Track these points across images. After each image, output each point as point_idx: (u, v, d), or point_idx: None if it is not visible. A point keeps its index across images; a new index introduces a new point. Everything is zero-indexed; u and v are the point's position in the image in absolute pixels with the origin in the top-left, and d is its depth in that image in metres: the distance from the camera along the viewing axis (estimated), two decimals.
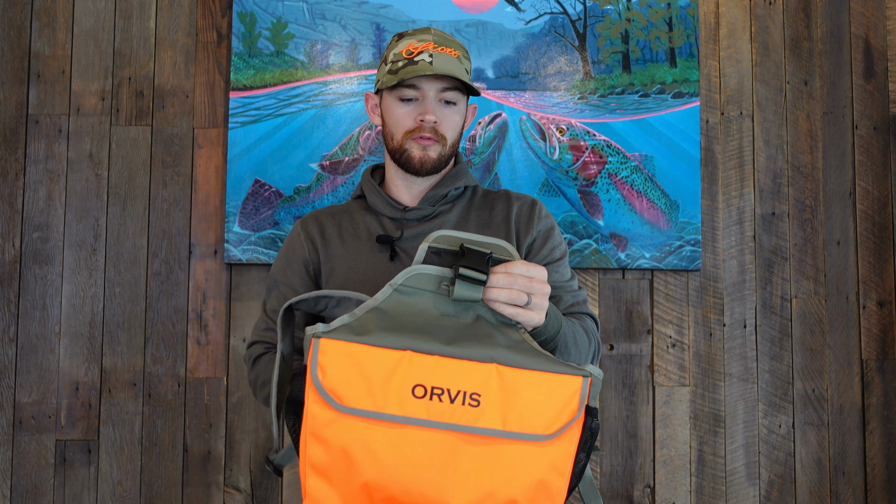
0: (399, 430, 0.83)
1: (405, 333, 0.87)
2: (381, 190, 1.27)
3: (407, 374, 0.84)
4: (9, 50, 1.85)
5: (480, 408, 0.84)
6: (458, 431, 0.83)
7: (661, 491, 1.84)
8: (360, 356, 0.84)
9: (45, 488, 1.78)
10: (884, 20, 1.96)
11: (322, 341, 0.85)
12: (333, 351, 0.85)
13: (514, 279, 0.90)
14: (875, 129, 1.94)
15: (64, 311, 1.81)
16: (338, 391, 0.83)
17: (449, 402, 0.83)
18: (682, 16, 1.90)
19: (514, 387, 0.85)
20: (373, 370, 0.84)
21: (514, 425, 0.84)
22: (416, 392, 0.83)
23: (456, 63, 1.18)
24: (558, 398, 0.86)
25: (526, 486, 0.84)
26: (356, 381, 0.84)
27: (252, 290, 1.82)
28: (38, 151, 1.84)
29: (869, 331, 1.90)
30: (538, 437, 0.84)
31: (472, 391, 0.84)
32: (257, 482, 1.80)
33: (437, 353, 0.85)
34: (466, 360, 0.85)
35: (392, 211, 1.24)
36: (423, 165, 1.19)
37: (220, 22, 1.87)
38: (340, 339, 0.85)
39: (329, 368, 0.84)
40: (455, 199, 1.26)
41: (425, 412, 0.83)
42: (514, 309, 0.91)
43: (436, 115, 1.18)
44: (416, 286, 0.91)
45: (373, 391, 0.83)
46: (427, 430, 0.83)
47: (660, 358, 1.86)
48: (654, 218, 1.85)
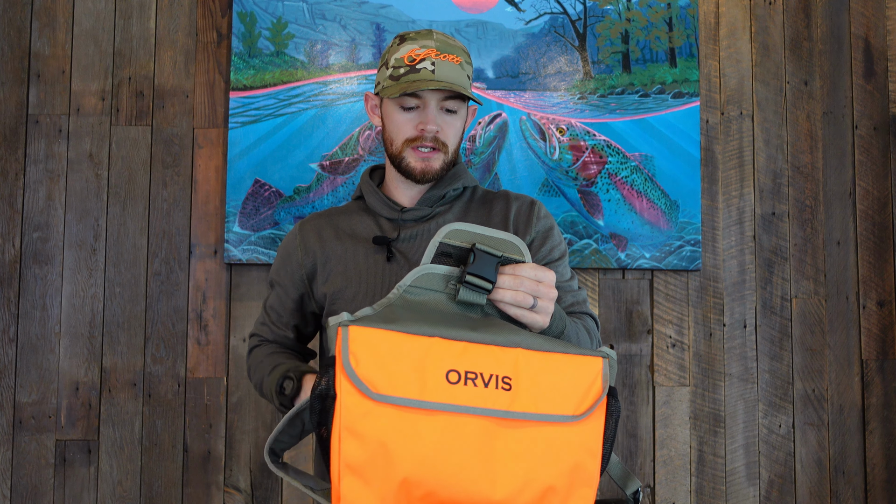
0: (437, 418, 0.80)
1: (429, 320, 0.86)
2: (380, 191, 1.26)
3: (439, 360, 0.82)
4: (9, 50, 1.85)
5: (513, 391, 0.83)
6: (494, 417, 0.81)
7: (661, 491, 1.84)
8: (392, 343, 0.82)
9: (45, 488, 1.78)
10: (884, 20, 1.96)
11: (352, 329, 0.82)
12: (365, 338, 0.81)
13: (521, 281, 0.90)
14: (875, 129, 1.94)
15: (64, 311, 1.81)
16: (373, 380, 0.80)
17: (483, 386, 0.82)
18: (682, 16, 1.90)
19: (541, 369, 0.85)
20: (406, 357, 0.81)
21: (545, 407, 0.83)
22: (451, 378, 0.81)
23: (458, 71, 1.17)
24: (583, 379, 0.86)
25: (562, 471, 0.83)
26: (392, 368, 0.81)
27: (252, 290, 1.82)
28: (38, 151, 1.84)
29: (869, 331, 1.90)
30: (569, 417, 0.84)
31: (503, 375, 0.83)
32: (257, 482, 1.80)
33: (465, 339, 0.84)
34: (493, 345, 0.84)
35: (389, 212, 1.24)
36: (426, 176, 1.19)
37: (220, 22, 1.87)
38: (371, 326, 0.83)
39: (362, 356, 0.80)
40: (453, 200, 1.26)
41: (462, 397, 0.81)
42: (519, 310, 0.92)
43: (437, 125, 1.17)
44: (425, 286, 0.90)
45: (409, 378, 0.80)
46: (465, 417, 0.80)
47: (660, 358, 1.86)
48: (654, 218, 1.85)
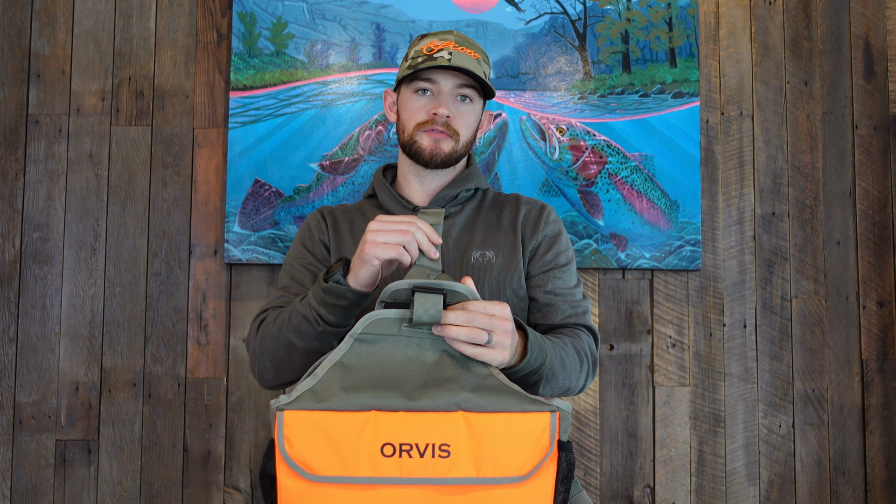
0: (373, 492, 0.82)
1: (369, 391, 0.86)
2: (393, 189, 1.27)
3: (374, 435, 0.84)
4: (9, 50, 1.85)
5: (451, 458, 0.83)
6: (431, 485, 0.82)
7: (661, 491, 1.84)
8: (325, 423, 0.84)
9: (45, 488, 1.78)
10: (884, 20, 1.96)
11: (286, 414, 0.85)
12: (298, 422, 0.84)
13: (472, 316, 0.88)
14: (875, 129, 1.94)
15: (64, 311, 1.81)
16: (307, 461, 0.83)
17: (419, 456, 0.83)
18: (682, 16, 1.90)
19: (482, 432, 0.84)
20: (340, 435, 0.84)
21: (487, 470, 0.83)
22: (385, 451, 0.83)
23: (475, 63, 1.19)
24: (528, 437, 0.85)
25: None
26: (324, 448, 0.83)
27: (252, 290, 1.82)
28: (38, 151, 1.84)
29: (869, 331, 1.90)
30: (513, 479, 0.83)
31: (440, 443, 0.83)
32: (257, 482, 1.80)
33: (402, 408, 0.85)
34: (431, 411, 0.85)
35: (402, 210, 1.24)
36: (434, 157, 1.19)
37: (220, 22, 1.87)
38: (303, 408, 0.85)
39: (295, 440, 0.84)
40: (465, 201, 1.27)
41: (397, 470, 0.82)
42: (475, 349, 0.89)
43: (449, 110, 1.18)
44: (376, 332, 0.89)
45: (342, 456, 0.83)
46: (401, 488, 0.82)
47: (660, 358, 1.86)
48: (654, 218, 1.85)
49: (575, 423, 1.85)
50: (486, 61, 1.24)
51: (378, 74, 1.85)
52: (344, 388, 0.86)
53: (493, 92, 1.25)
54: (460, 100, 1.21)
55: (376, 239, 0.92)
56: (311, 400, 0.86)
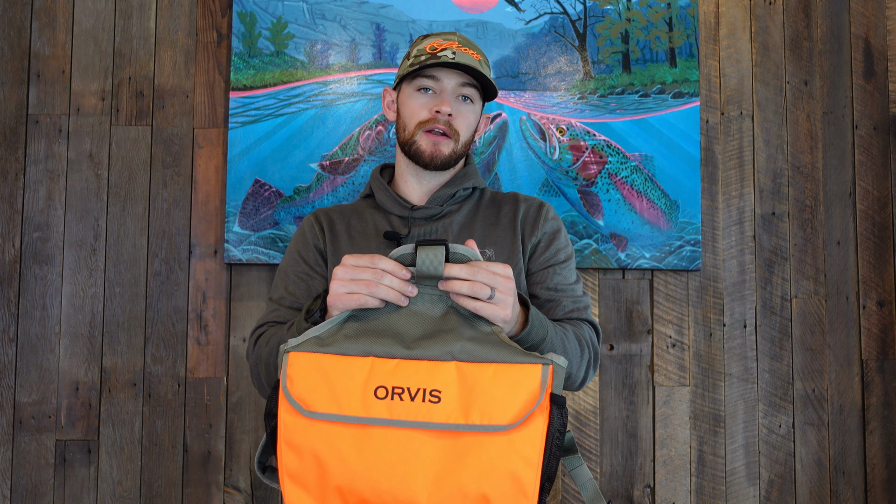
0: (365, 431, 0.85)
1: (371, 338, 0.91)
2: (390, 188, 1.27)
3: (369, 378, 0.87)
4: (9, 50, 1.85)
5: (441, 403, 0.85)
6: (419, 428, 0.85)
7: (661, 491, 1.84)
8: (325, 365, 0.89)
9: (45, 488, 1.78)
10: (884, 20, 1.96)
11: (290, 355, 0.90)
12: (300, 362, 0.89)
13: (475, 271, 0.90)
14: (875, 129, 1.94)
15: (64, 311, 1.81)
16: (305, 398, 0.87)
17: (409, 399, 0.86)
18: (682, 16, 1.90)
19: (473, 381, 0.87)
20: (337, 377, 0.88)
21: (475, 418, 0.85)
22: (378, 393, 0.86)
23: (477, 63, 1.20)
24: (518, 387, 0.87)
25: (496, 480, 0.84)
26: (321, 388, 0.88)
27: (252, 290, 1.82)
28: (38, 151, 1.84)
29: (869, 331, 1.90)
30: (501, 426, 0.85)
31: (432, 388, 0.86)
32: (257, 482, 1.80)
33: (398, 356, 0.88)
34: (426, 360, 0.88)
35: (400, 209, 1.24)
36: (434, 160, 1.20)
37: (220, 22, 1.87)
38: (307, 351, 0.90)
39: (297, 379, 0.88)
40: (463, 200, 1.27)
41: (388, 412, 0.85)
42: (476, 303, 0.90)
43: (451, 109, 1.19)
44: None
45: (337, 396, 0.87)
46: (391, 430, 0.85)
47: (660, 358, 1.86)
48: (654, 218, 1.85)
49: (575, 423, 1.85)
50: (487, 64, 1.25)
51: (378, 74, 1.85)
52: (347, 336, 0.91)
53: (496, 92, 1.25)
54: (462, 99, 1.21)
55: (339, 290, 0.94)
56: (316, 344, 0.91)
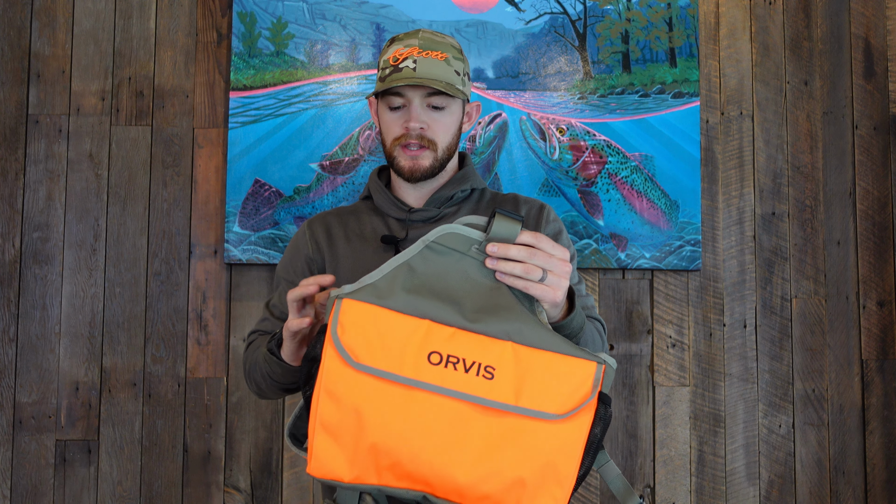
0: (412, 394, 0.82)
1: (429, 299, 0.86)
2: (388, 191, 1.26)
3: (424, 342, 0.84)
4: (9, 50, 1.85)
5: (494, 381, 0.83)
6: (470, 402, 0.82)
7: (661, 491, 1.84)
8: (380, 319, 0.84)
9: (45, 488, 1.78)
10: (884, 20, 1.96)
11: (345, 301, 0.85)
12: (355, 311, 0.84)
13: (532, 253, 0.88)
14: (875, 129, 1.94)
15: (64, 311, 1.81)
16: (355, 349, 0.83)
17: (464, 371, 0.83)
18: (682, 16, 1.90)
19: (528, 365, 0.85)
20: (391, 334, 0.84)
21: (526, 402, 0.83)
22: (432, 359, 0.83)
23: (442, 67, 1.16)
24: (571, 381, 0.85)
25: (535, 467, 0.83)
26: (374, 341, 0.83)
27: (252, 290, 1.82)
28: (38, 151, 1.84)
29: (869, 331, 1.90)
30: (550, 415, 0.83)
31: (486, 364, 0.83)
32: (257, 482, 1.80)
33: (456, 325, 0.85)
34: (483, 335, 0.85)
35: (398, 212, 1.24)
36: (414, 174, 1.19)
37: (220, 22, 1.87)
38: (363, 300, 0.85)
39: (349, 327, 0.84)
40: (461, 202, 1.26)
41: (440, 379, 0.82)
42: (525, 282, 0.88)
43: (421, 122, 1.17)
44: (447, 245, 0.90)
45: (389, 353, 0.83)
46: (439, 398, 0.82)
47: (660, 358, 1.86)
48: (654, 218, 1.85)
49: None
50: (458, 57, 1.20)
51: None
52: (405, 290, 0.87)
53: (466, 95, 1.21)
54: (432, 109, 1.18)
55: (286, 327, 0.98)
56: (372, 295, 0.86)
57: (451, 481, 0.81)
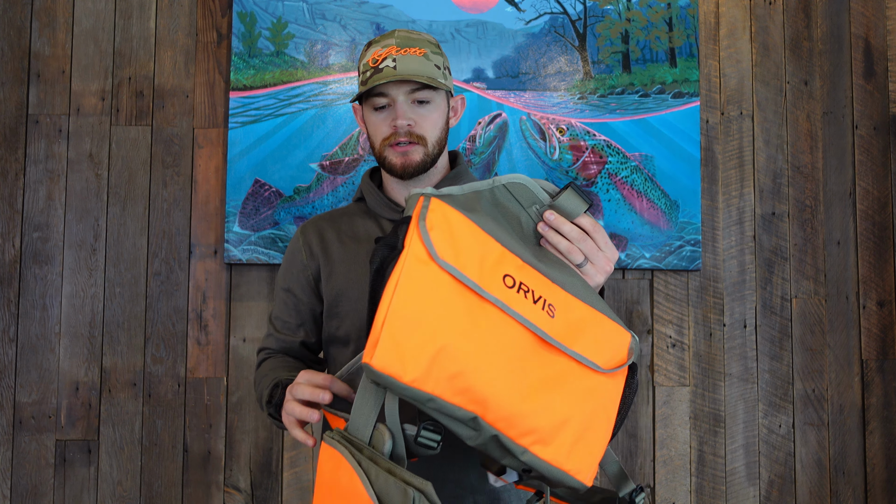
0: (485, 308, 0.80)
1: (506, 229, 0.87)
2: (381, 192, 1.26)
3: (501, 263, 0.83)
4: (9, 50, 1.85)
5: (556, 319, 0.84)
6: (534, 333, 0.82)
7: (661, 491, 1.84)
8: (465, 228, 0.83)
9: (45, 488, 1.78)
10: (884, 20, 1.96)
11: (433, 200, 0.83)
12: (444, 212, 0.82)
13: (583, 238, 0.90)
14: (875, 129, 1.94)
15: (64, 311, 1.81)
16: (441, 247, 0.80)
17: (532, 301, 0.83)
18: (682, 16, 1.90)
19: (579, 316, 0.86)
20: (473, 246, 0.82)
21: (580, 348, 0.84)
22: (507, 281, 0.82)
23: (421, 62, 1.17)
24: (613, 343, 0.87)
25: (583, 412, 0.83)
26: (459, 247, 0.82)
27: (252, 290, 1.82)
28: (38, 151, 1.84)
29: (869, 331, 1.90)
30: (598, 367, 0.84)
31: (550, 301, 0.84)
32: (257, 482, 1.80)
33: (526, 260, 0.85)
34: (546, 277, 0.86)
35: (391, 213, 1.23)
36: (406, 169, 1.19)
37: (220, 22, 1.87)
38: (453, 206, 0.83)
39: (436, 224, 0.81)
40: None
41: (514, 302, 0.81)
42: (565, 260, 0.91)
43: (408, 119, 1.17)
44: (514, 193, 0.91)
45: (472, 262, 0.81)
46: (509, 320, 0.81)
47: (660, 358, 1.86)
48: (654, 218, 1.85)
49: None
50: (436, 52, 1.21)
51: None
52: (485, 211, 0.87)
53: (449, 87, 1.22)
54: (418, 104, 1.19)
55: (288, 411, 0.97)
56: (458, 205, 0.85)
57: (508, 406, 0.78)
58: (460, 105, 1.28)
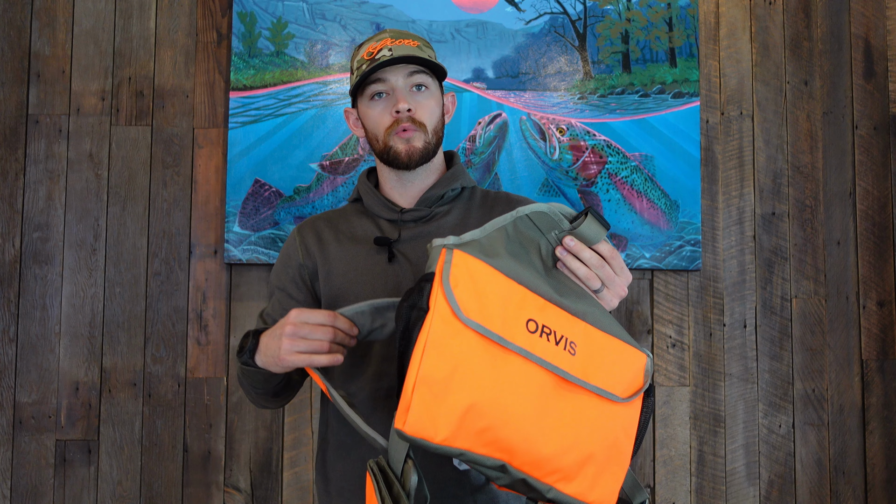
0: (509, 358, 0.82)
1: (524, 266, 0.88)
2: (378, 192, 1.26)
3: (523, 307, 0.84)
4: (9, 50, 1.85)
5: (576, 357, 0.85)
6: (557, 375, 0.83)
7: (661, 491, 1.84)
8: (488, 277, 0.84)
9: (45, 488, 1.78)
10: (884, 20, 1.96)
11: (456, 253, 0.83)
12: (467, 264, 0.83)
13: (602, 265, 0.92)
14: (875, 129, 1.94)
15: (64, 311, 1.81)
16: (466, 304, 0.81)
17: (555, 343, 0.84)
18: (682, 16, 1.90)
19: (599, 347, 0.87)
20: (496, 294, 0.83)
21: (599, 381, 0.85)
22: (530, 326, 0.83)
23: (417, 50, 1.18)
24: (631, 369, 0.89)
25: (604, 444, 0.85)
26: (484, 299, 0.82)
27: (252, 290, 1.82)
28: (38, 151, 1.84)
29: (869, 331, 1.90)
30: (617, 397, 0.86)
31: (571, 339, 0.85)
32: (257, 482, 1.80)
33: (547, 297, 0.86)
34: (566, 311, 0.87)
35: (389, 213, 1.23)
36: (411, 157, 1.19)
37: (220, 22, 1.87)
38: (473, 255, 0.84)
39: (461, 279, 0.82)
40: (452, 200, 1.25)
41: (535, 347, 0.83)
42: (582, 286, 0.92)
43: (409, 103, 1.17)
44: (536, 221, 0.92)
45: (493, 313, 0.82)
46: (532, 365, 0.82)
47: (660, 358, 1.86)
48: (654, 218, 1.85)
49: None
50: (427, 46, 1.23)
51: None
52: (508, 252, 0.88)
53: (445, 72, 1.24)
54: (416, 90, 1.20)
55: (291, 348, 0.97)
56: (479, 251, 0.86)
57: (535, 452, 0.81)
58: (451, 103, 1.29)
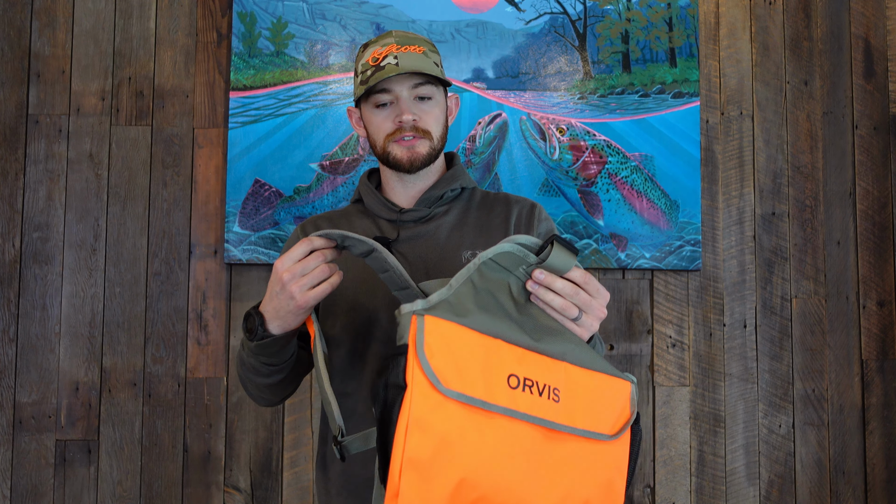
0: (493, 420, 0.79)
1: (495, 316, 0.84)
2: (378, 193, 1.26)
3: (502, 363, 0.81)
4: (9, 50, 1.85)
5: (561, 404, 0.82)
6: (544, 427, 0.81)
7: (661, 491, 1.84)
8: (463, 339, 0.80)
9: (45, 488, 1.78)
10: (884, 20, 1.96)
11: (427, 319, 0.79)
12: (439, 330, 0.79)
13: (576, 292, 0.88)
14: (875, 129, 1.94)
15: (64, 311, 1.81)
16: (444, 374, 0.77)
17: (538, 394, 0.81)
18: (682, 16, 1.90)
19: (583, 386, 0.85)
20: (474, 355, 0.80)
21: (586, 424, 0.83)
22: (511, 382, 0.80)
23: (422, 58, 1.18)
24: (617, 401, 0.87)
25: (598, 486, 0.84)
26: (461, 364, 0.79)
27: (252, 290, 1.82)
28: (38, 151, 1.84)
29: (869, 331, 1.90)
30: (605, 436, 0.84)
31: (554, 386, 0.83)
32: (257, 482, 1.80)
33: (524, 345, 0.83)
34: (546, 355, 0.84)
35: (388, 213, 1.23)
36: (414, 163, 1.19)
37: (220, 22, 1.87)
38: (444, 318, 0.80)
39: (436, 348, 0.78)
40: (452, 201, 1.26)
41: (519, 403, 0.80)
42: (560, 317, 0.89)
43: (413, 114, 1.17)
44: (501, 263, 0.89)
45: (476, 377, 0.79)
46: (520, 424, 0.80)
47: (660, 358, 1.86)
48: (654, 218, 1.85)
49: None
50: (433, 51, 1.22)
51: None
52: (477, 307, 0.84)
53: (450, 82, 1.24)
54: (420, 100, 1.19)
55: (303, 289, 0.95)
56: (450, 312, 0.82)
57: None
58: (454, 105, 1.30)
